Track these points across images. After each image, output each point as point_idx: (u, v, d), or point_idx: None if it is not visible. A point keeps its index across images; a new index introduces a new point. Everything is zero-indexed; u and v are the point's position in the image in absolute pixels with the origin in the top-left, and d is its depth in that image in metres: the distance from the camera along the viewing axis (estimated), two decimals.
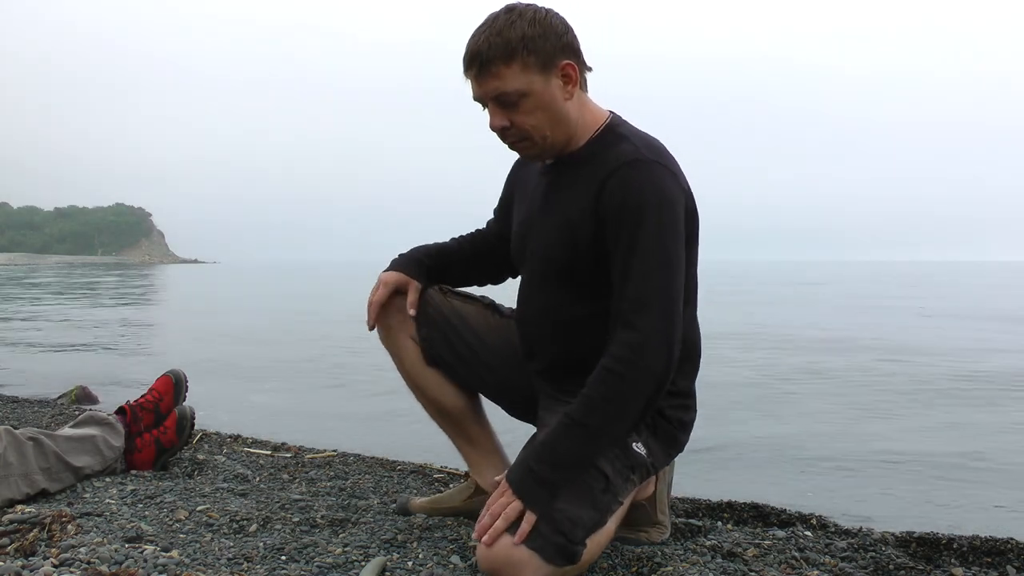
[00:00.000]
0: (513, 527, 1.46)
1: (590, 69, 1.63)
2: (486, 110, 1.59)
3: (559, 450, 1.51)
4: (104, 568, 1.53)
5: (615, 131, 1.65)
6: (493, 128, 1.59)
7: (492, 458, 1.98)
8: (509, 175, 1.93)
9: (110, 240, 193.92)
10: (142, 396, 2.50)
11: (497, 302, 1.98)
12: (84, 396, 4.40)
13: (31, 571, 1.51)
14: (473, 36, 1.55)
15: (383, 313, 1.90)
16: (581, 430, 1.51)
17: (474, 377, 1.93)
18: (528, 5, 1.57)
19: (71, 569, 1.52)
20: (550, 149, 1.64)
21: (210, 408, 4.29)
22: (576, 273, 1.64)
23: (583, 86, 1.62)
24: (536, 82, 1.54)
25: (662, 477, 1.85)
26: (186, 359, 6.20)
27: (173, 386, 2.54)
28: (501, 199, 1.96)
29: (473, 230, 2.04)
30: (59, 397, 4.44)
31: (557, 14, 1.57)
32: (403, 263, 1.90)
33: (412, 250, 1.94)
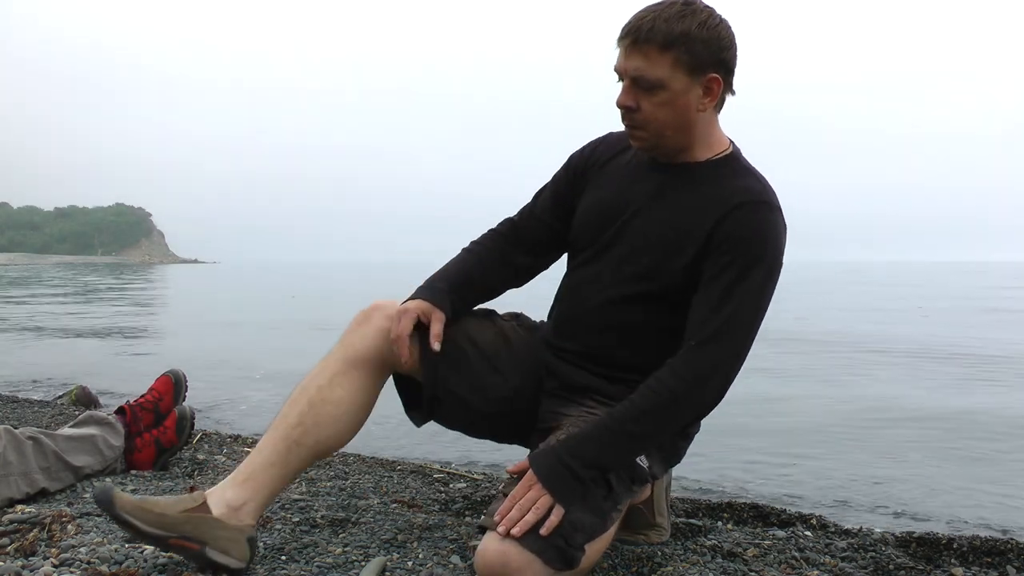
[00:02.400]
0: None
1: (733, 93, 1.59)
2: (620, 83, 1.55)
3: (596, 450, 1.50)
4: (104, 568, 1.53)
5: (740, 162, 1.64)
6: (619, 104, 1.55)
7: (244, 485, 1.57)
8: (579, 159, 1.80)
9: (110, 240, 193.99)
10: (142, 396, 2.50)
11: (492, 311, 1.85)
12: (84, 396, 4.39)
13: (31, 571, 1.51)
14: (642, 10, 1.51)
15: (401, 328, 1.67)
16: (623, 435, 1.51)
17: (473, 413, 1.76)
18: (707, 7, 1.53)
19: (71, 569, 1.52)
20: (662, 148, 1.61)
21: (210, 408, 4.30)
22: (663, 280, 1.61)
23: (719, 106, 1.59)
24: (678, 80, 1.51)
25: (659, 481, 1.84)
26: (186, 359, 6.20)
27: (173, 386, 2.54)
28: (560, 182, 1.82)
29: (490, 233, 1.86)
30: (59, 397, 4.44)
31: (729, 27, 1.54)
32: (427, 291, 1.73)
33: (434, 279, 1.78)
